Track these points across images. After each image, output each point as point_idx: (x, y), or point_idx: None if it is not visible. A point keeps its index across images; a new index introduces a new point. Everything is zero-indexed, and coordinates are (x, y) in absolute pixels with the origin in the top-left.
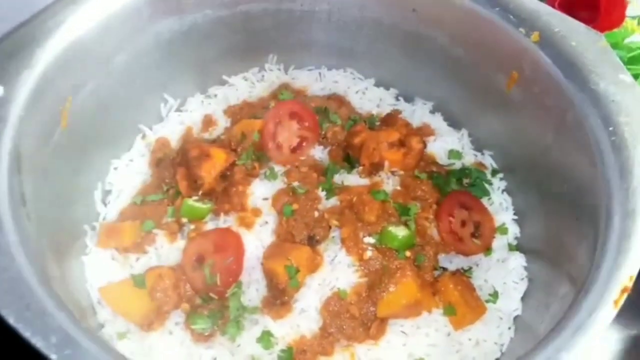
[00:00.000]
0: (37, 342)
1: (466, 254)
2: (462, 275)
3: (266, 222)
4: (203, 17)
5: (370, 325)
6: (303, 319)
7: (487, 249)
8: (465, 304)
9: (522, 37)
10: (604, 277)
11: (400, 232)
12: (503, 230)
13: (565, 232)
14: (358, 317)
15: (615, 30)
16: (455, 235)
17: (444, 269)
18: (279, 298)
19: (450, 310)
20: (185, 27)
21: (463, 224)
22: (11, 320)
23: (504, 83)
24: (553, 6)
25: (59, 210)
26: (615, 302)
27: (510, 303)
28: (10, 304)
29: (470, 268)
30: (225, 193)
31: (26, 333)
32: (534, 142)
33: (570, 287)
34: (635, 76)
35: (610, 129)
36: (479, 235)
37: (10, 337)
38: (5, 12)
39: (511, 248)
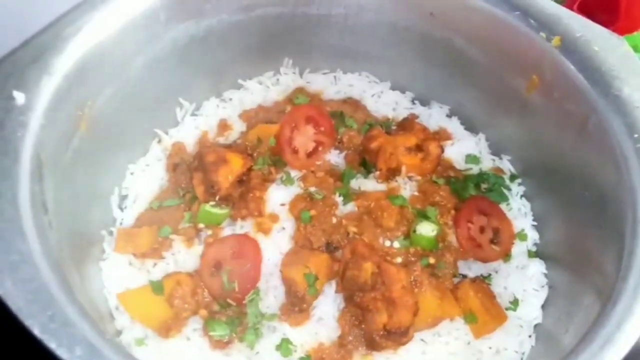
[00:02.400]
0: (63, 353)
1: (485, 260)
2: (482, 282)
3: (283, 228)
4: (219, 21)
5: None
6: (321, 327)
7: (506, 256)
8: (486, 311)
9: (543, 41)
10: (632, 288)
11: (430, 230)
12: (522, 236)
13: (588, 239)
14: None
15: (635, 33)
16: (474, 241)
17: (464, 276)
18: (297, 305)
19: (471, 318)
20: (202, 32)
21: (482, 230)
22: (36, 332)
23: (523, 87)
24: (572, 8)
25: (77, 216)
26: None
27: (531, 311)
28: (35, 315)
29: (490, 275)
30: (242, 198)
31: (51, 345)
32: (554, 147)
33: (596, 298)
34: None
35: (636, 136)
36: (498, 241)
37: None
38: (23, 19)
39: (531, 254)
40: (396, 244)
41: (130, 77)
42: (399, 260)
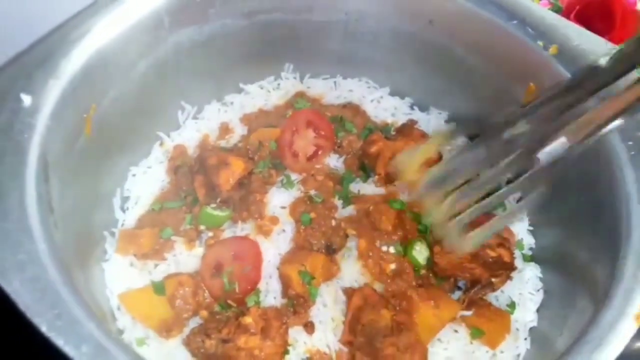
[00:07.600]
0: (70, 351)
1: None
2: (474, 295)
3: (284, 230)
4: (222, 27)
5: None
6: (320, 332)
7: None
8: (489, 322)
9: (540, 50)
10: (624, 291)
11: (422, 259)
12: (519, 244)
13: (582, 244)
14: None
15: None
16: None
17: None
18: (292, 306)
19: (477, 333)
20: (205, 37)
21: None
22: (44, 329)
23: (520, 94)
24: (569, 17)
25: (81, 216)
26: (637, 317)
27: (526, 314)
28: (42, 313)
29: None
30: (243, 201)
31: (59, 342)
32: None
33: (589, 301)
34: None
35: (630, 143)
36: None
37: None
38: (30, 23)
39: (526, 259)
40: (392, 250)
41: (134, 80)
42: (392, 267)
